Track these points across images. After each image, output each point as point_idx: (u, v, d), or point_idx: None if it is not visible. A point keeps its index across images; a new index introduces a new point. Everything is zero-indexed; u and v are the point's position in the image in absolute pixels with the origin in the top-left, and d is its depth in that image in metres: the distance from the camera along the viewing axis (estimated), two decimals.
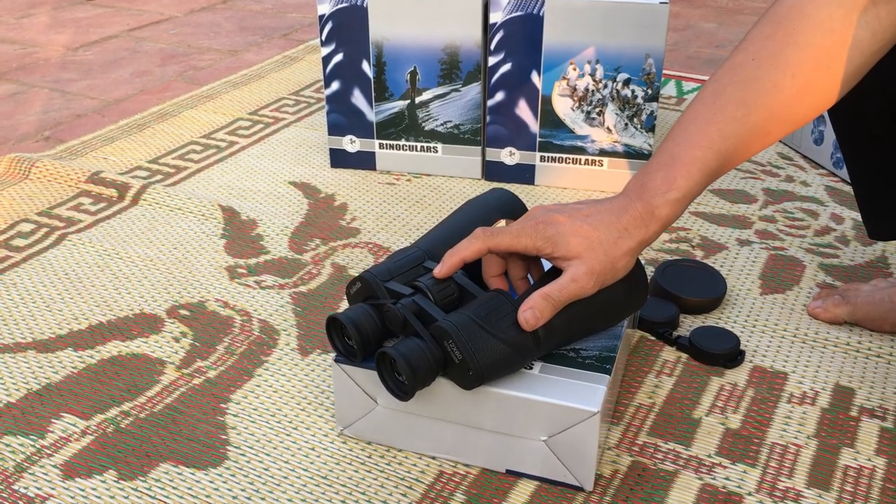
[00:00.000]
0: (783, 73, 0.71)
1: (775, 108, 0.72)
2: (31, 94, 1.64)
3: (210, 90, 1.61)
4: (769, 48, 0.72)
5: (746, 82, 0.72)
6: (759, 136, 0.73)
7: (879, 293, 0.93)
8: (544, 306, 0.70)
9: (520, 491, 0.74)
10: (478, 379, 0.70)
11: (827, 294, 0.97)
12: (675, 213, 0.73)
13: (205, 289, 1.02)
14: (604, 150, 1.22)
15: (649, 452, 0.78)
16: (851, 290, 0.96)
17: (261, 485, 0.75)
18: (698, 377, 0.87)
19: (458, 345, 0.69)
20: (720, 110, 0.73)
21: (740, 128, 0.72)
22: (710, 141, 0.72)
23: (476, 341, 0.69)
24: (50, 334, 0.94)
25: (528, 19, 1.17)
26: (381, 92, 1.25)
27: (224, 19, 2.10)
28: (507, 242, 0.73)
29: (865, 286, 0.96)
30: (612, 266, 0.71)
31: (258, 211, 1.19)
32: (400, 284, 0.75)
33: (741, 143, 0.73)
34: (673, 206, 0.73)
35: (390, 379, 0.72)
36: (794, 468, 0.76)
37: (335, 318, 0.74)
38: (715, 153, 0.72)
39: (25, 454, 0.78)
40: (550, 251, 0.71)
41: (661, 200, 0.72)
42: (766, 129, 0.73)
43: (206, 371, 0.88)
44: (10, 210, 1.19)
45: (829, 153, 1.27)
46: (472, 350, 0.69)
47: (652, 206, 0.72)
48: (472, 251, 0.73)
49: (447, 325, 0.69)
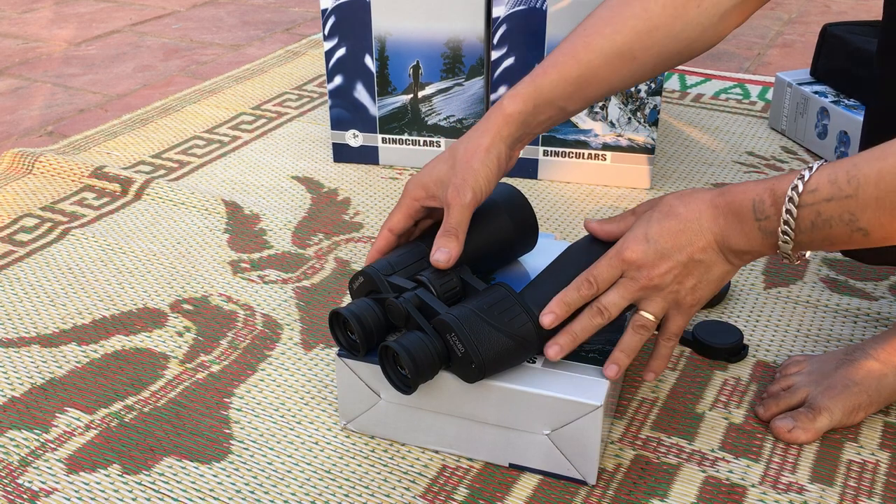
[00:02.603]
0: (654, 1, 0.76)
1: (642, 33, 0.77)
2: (34, 89, 1.64)
3: (213, 85, 1.61)
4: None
5: (620, 4, 0.77)
6: (626, 60, 0.77)
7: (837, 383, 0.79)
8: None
9: (523, 485, 0.74)
10: (480, 372, 0.69)
11: (789, 411, 0.80)
12: (522, 107, 0.77)
13: (208, 283, 1.02)
14: (607, 145, 1.22)
15: (652, 446, 0.78)
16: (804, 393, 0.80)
17: (264, 479, 0.75)
18: (701, 372, 0.87)
19: (460, 338, 0.69)
20: (590, 26, 0.78)
21: (606, 44, 0.77)
22: (573, 50, 0.77)
23: (478, 334, 0.69)
24: (54, 329, 0.94)
25: (531, 13, 1.16)
26: (384, 86, 1.25)
27: (227, 14, 2.10)
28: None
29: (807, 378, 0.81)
30: (462, 161, 0.76)
31: (261, 205, 1.19)
32: (402, 279, 0.75)
33: (606, 61, 0.77)
34: (516, 99, 0.77)
35: (393, 373, 0.72)
36: (798, 463, 0.76)
37: (338, 313, 0.74)
38: (577, 62, 0.77)
39: (30, 448, 0.78)
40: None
41: (508, 94, 0.77)
42: (631, 52, 0.77)
43: (209, 365, 0.89)
44: (13, 205, 1.20)
45: (832, 147, 1.27)
46: (474, 343, 0.68)
47: (501, 103, 0.77)
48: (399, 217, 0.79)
49: (449, 319, 0.69)
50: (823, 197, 0.63)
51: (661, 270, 0.69)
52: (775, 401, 0.80)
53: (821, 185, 0.63)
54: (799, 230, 0.64)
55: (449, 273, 0.74)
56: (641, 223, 0.71)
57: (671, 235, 0.69)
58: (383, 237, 0.78)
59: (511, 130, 0.77)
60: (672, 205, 0.70)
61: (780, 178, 0.66)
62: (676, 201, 0.70)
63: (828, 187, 0.63)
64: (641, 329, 0.71)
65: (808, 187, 0.63)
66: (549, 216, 1.16)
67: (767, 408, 0.80)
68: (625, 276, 0.70)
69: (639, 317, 0.71)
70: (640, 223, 0.71)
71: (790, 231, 0.64)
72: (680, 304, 0.71)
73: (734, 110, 1.48)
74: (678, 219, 0.69)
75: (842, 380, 0.79)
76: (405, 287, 0.74)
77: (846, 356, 0.81)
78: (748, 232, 0.67)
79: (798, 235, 0.65)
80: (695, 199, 0.70)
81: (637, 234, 0.70)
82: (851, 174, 0.61)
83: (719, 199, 0.68)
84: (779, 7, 2.10)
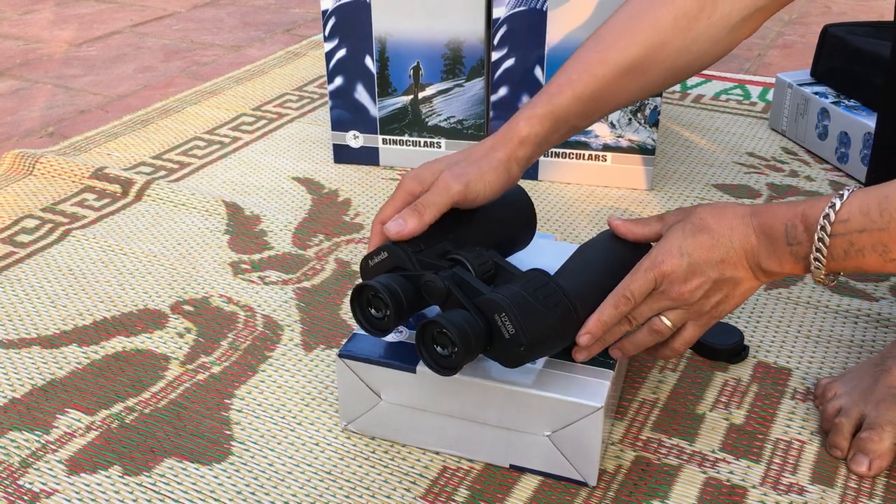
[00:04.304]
0: (666, 12, 0.76)
1: (653, 47, 0.77)
2: (34, 90, 1.64)
3: (213, 86, 1.61)
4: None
5: (630, 18, 0.77)
6: (636, 74, 0.77)
7: (886, 394, 0.77)
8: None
9: (523, 486, 0.74)
10: (528, 354, 0.67)
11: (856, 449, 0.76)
12: (539, 129, 0.76)
13: (209, 284, 1.02)
14: (607, 146, 1.22)
15: (653, 448, 0.78)
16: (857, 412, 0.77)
17: (265, 480, 0.75)
18: (702, 373, 0.87)
19: (511, 318, 0.65)
20: (605, 39, 0.77)
21: (619, 58, 0.76)
22: (588, 64, 0.76)
23: (529, 316, 0.66)
24: (54, 330, 0.94)
25: (532, 14, 1.16)
26: (385, 87, 1.25)
27: (227, 15, 2.10)
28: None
29: (851, 399, 0.78)
30: (471, 160, 0.75)
31: (262, 206, 1.19)
32: (433, 257, 0.71)
33: (618, 76, 0.77)
34: (533, 121, 0.76)
35: (430, 353, 0.68)
36: (798, 464, 0.76)
37: (367, 286, 0.68)
38: (593, 77, 0.76)
39: (30, 449, 0.78)
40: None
41: (525, 116, 0.76)
42: (641, 67, 0.77)
43: (210, 367, 0.89)
44: (14, 206, 1.20)
45: (833, 148, 1.27)
46: (524, 325, 0.66)
47: (518, 125, 0.76)
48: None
49: (499, 298, 0.66)
50: (855, 228, 0.62)
51: (693, 286, 0.69)
52: (840, 434, 0.76)
53: (853, 216, 0.63)
54: (831, 258, 0.64)
55: (484, 254, 0.72)
56: (675, 235, 0.70)
57: (704, 250, 0.69)
58: (377, 232, 0.75)
59: (526, 152, 0.76)
60: (704, 218, 0.70)
61: (813, 203, 0.65)
62: (709, 215, 0.70)
63: (860, 218, 0.62)
64: (656, 333, 0.72)
65: (839, 217, 0.63)
66: (550, 217, 1.16)
67: (839, 447, 0.76)
68: (657, 288, 0.70)
69: (657, 321, 0.71)
70: (674, 235, 0.70)
71: (822, 258, 0.64)
72: (700, 316, 0.72)
73: (734, 111, 1.48)
74: (710, 234, 0.69)
75: (887, 390, 0.76)
76: (438, 265, 0.70)
77: (880, 366, 0.79)
78: (780, 255, 0.67)
79: (830, 262, 0.65)
80: (727, 214, 0.69)
81: (671, 246, 0.69)
82: (884, 206, 0.61)
83: (752, 220, 0.68)
84: None
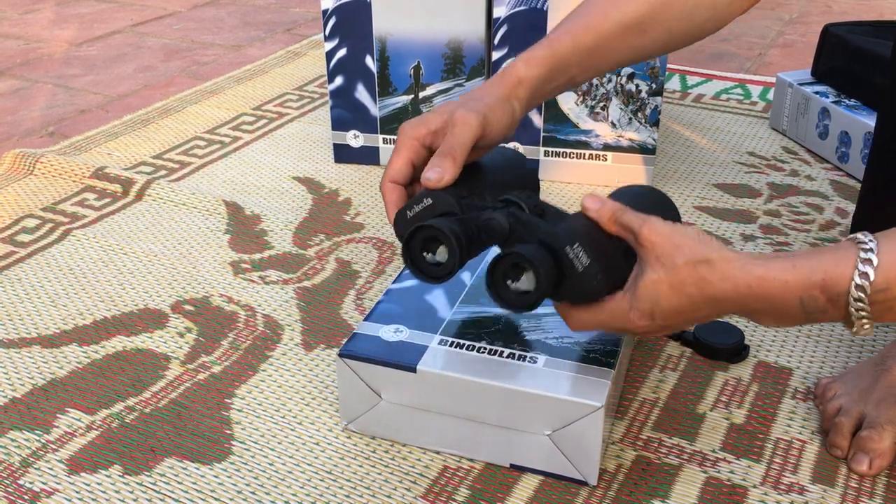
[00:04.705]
0: None
1: (655, 5, 0.77)
2: (34, 90, 1.64)
3: (214, 85, 1.61)
4: None
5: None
6: (636, 32, 0.77)
7: (886, 394, 0.77)
8: None
9: (524, 485, 0.74)
10: (602, 286, 0.64)
11: (857, 448, 0.76)
12: (537, 72, 0.75)
13: (209, 284, 1.02)
14: (608, 145, 1.22)
15: (653, 447, 0.78)
16: (857, 412, 0.77)
17: (265, 479, 0.75)
18: (703, 372, 0.87)
19: (585, 248, 0.63)
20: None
21: (620, 14, 0.76)
22: (588, 18, 0.77)
23: (598, 244, 0.63)
24: (55, 329, 0.94)
25: (532, 14, 1.16)
26: (385, 87, 1.25)
27: (227, 14, 2.10)
28: None
29: (850, 399, 0.78)
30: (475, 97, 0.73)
31: (262, 206, 1.19)
32: (481, 200, 0.68)
33: (619, 32, 0.77)
34: (531, 63, 0.75)
35: (504, 293, 0.65)
36: (799, 463, 0.76)
37: (428, 227, 0.64)
38: (593, 31, 0.76)
39: (31, 449, 0.78)
40: None
41: (523, 58, 0.75)
42: (642, 25, 0.77)
43: (210, 366, 0.89)
44: (14, 206, 1.20)
45: (833, 147, 1.27)
46: (597, 252, 0.63)
47: (516, 66, 0.75)
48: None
49: (569, 229, 0.63)
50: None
51: (667, 331, 0.67)
52: (840, 434, 0.76)
53: (891, 282, 0.56)
54: (879, 318, 0.58)
55: (535, 196, 0.69)
56: (650, 290, 0.62)
57: (683, 315, 0.63)
58: (389, 190, 0.70)
59: (524, 92, 0.75)
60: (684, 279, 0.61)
61: (831, 269, 0.57)
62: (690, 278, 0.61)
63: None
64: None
65: (876, 286, 0.56)
66: None
67: (839, 446, 0.76)
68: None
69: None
70: (649, 288, 0.62)
71: (867, 322, 0.58)
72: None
73: (735, 111, 1.48)
74: (690, 299, 0.61)
75: (887, 389, 0.76)
76: (491, 206, 0.67)
77: (879, 366, 0.79)
78: (791, 317, 0.60)
79: (872, 321, 0.58)
80: (713, 281, 0.60)
81: (643, 307, 0.63)
82: None
83: (754, 290, 0.60)
84: (780, 7, 2.10)
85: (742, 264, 0.60)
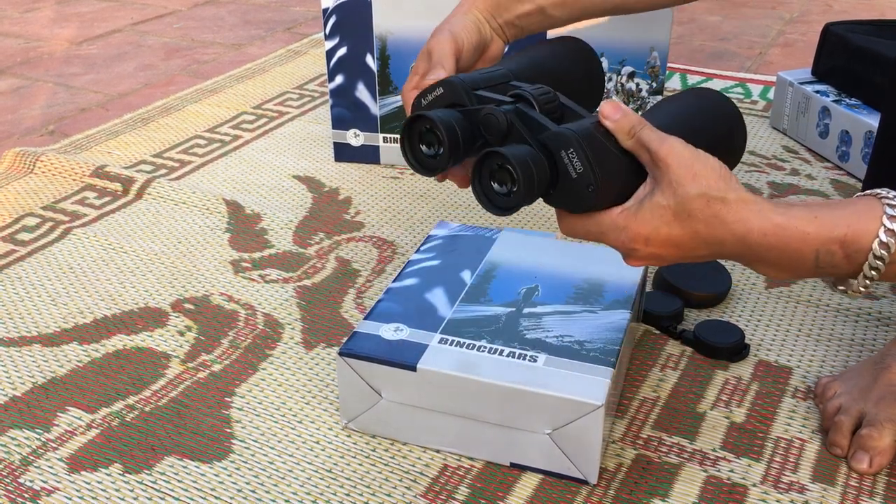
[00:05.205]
0: None
1: None
2: (35, 89, 1.64)
3: (214, 84, 1.61)
4: None
5: None
6: None
7: (886, 392, 0.77)
8: None
9: (524, 484, 0.74)
10: (596, 198, 0.61)
11: (856, 446, 0.75)
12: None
13: (209, 283, 1.02)
14: None
15: (654, 446, 0.78)
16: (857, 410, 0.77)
17: (265, 478, 0.75)
18: (703, 371, 0.87)
19: (578, 154, 0.60)
20: None
21: None
22: None
23: (599, 153, 0.60)
24: (55, 328, 0.94)
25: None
26: (385, 85, 1.25)
27: (227, 13, 2.10)
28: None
29: (850, 397, 0.78)
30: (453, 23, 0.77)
31: (262, 205, 1.19)
32: (492, 92, 0.66)
33: None
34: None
35: (487, 191, 0.63)
36: (799, 462, 0.76)
37: (421, 117, 0.63)
38: None
39: (31, 447, 0.78)
40: None
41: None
42: None
43: (210, 365, 0.89)
44: (14, 204, 1.20)
45: (834, 146, 1.27)
46: (593, 161, 0.60)
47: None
48: None
49: (567, 132, 0.60)
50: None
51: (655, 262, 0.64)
52: (840, 432, 0.76)
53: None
54: (881, 278, 0.58)
55: (550, 90, 0.65)
56: (655, 214, 0.59)
57: (678, 248, 0.60)
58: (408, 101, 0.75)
59: (485, 4, 0.77)
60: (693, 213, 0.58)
61: (854, 226, 0.56)
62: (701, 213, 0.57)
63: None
64: None
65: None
66: (552, 216, 1.16)
67: (839, 445, 0.76)
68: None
69: None
70: (654, 213, 0.59)
71: (869, 282, 0.58)
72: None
73: None
74: (694, 235, 0.59)
75: (887, 388, 0.76)
76: (499, 100, 0.65)
77: (879, 365, 0.79)
78: (799, 269, 0.59)
79: (874, 281, 0.58)
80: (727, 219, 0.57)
81: (641, 230, 0.60)
82: None
83: (769, 238, 0.57)
84: (780, 6, 2.10)
85: (760, 209, 0.57)
